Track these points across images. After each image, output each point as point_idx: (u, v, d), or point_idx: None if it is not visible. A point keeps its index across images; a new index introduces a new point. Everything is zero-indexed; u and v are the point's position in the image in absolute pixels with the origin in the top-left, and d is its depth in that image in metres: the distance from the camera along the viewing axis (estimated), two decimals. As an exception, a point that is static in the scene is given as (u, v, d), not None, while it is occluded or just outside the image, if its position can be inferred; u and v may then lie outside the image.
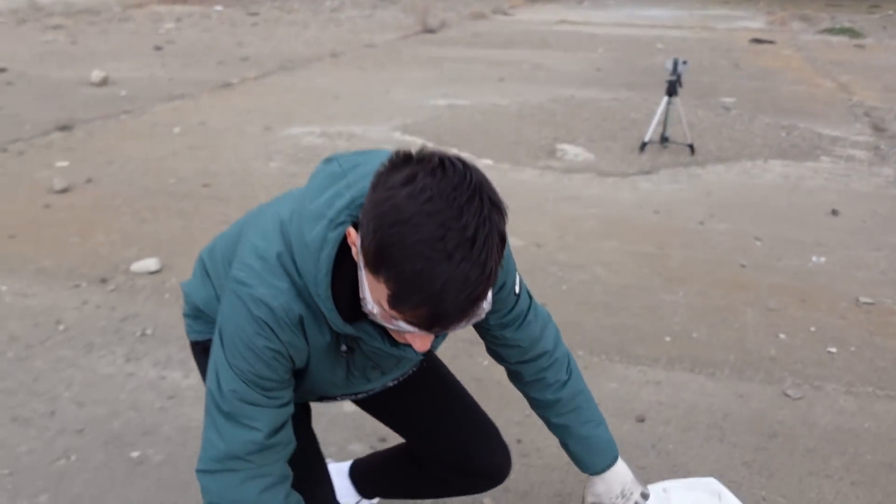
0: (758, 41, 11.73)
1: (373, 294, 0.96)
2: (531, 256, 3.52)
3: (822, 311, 3.00)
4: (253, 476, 1.16)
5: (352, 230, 1.00)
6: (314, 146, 5.33)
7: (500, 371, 1.49)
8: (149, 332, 2.77)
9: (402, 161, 0.93)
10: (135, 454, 2.11)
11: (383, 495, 1.80)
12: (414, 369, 1.47)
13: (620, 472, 1.45)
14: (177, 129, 5.69)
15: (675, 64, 5.24)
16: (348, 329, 1.10)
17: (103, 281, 3.17)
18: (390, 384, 1.43)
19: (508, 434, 1.75)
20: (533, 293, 1.42)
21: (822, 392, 2.45)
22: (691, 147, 5.29)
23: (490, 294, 1.00)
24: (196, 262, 1.43)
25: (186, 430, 2.21)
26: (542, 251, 3.59)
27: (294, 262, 1.08)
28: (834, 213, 4.13)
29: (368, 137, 5.61)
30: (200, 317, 1.41)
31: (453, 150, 5.14)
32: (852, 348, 2.71)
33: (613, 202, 4.30)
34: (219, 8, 15.70)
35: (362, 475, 1.78)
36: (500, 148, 5.40)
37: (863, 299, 3.09)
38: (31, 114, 6.10)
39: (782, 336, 2.80)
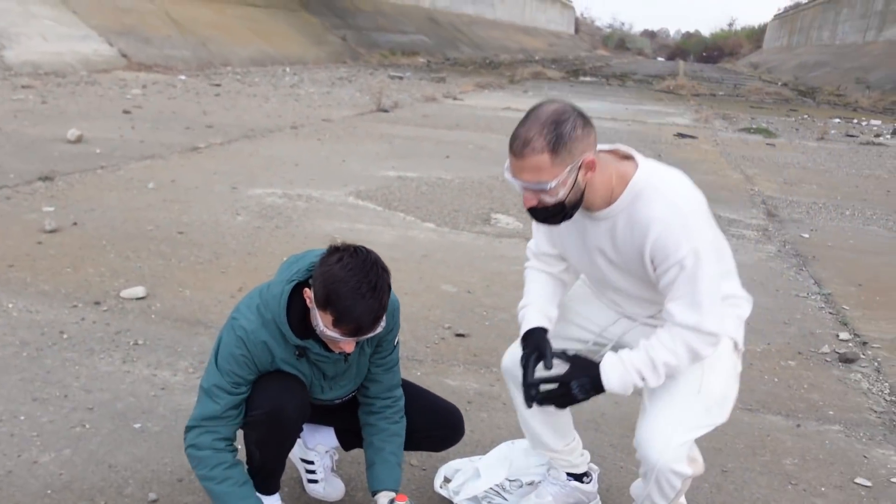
0: (681, 135, 12.92)
1: (322, 321, 1.80)
2: (462, 300, 4.19)
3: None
4: (208, 431, 1.91)
5: (307, 290, 1.84)
6: (276, 205, 5.98)
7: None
8: (140, 342, 3.33)
9: (334, 250, 1.81)
10: (137, 426, 2.66)
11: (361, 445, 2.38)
12: (352, 394, 2.16)
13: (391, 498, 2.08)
14: (151, 185, 6.28)
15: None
16: (297, 341, 1.90)
17: (97, 303, 3.73)
18: (338, 402, 2.13)
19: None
20: (462, 327, 2.10)
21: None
22: (607, 221, 6.09)
23: (383, 320, 1.83)
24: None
25: (177, 410, 2.77)
26: (471, 296, 4.26)
27: (265, 308, 1.90)
28: (717, 278, 4.92)
29: (325, 200, 6.29)
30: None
31: (400, 215, 5.87)
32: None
33: (536, 262, 5.02)
34: (182, 77, 16.42)
35: (345, 432, 2.36)
36: (442, 214, 6.12)
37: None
38: (13, 165, 6.62)
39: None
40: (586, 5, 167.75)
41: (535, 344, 1.96)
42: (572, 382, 1.85)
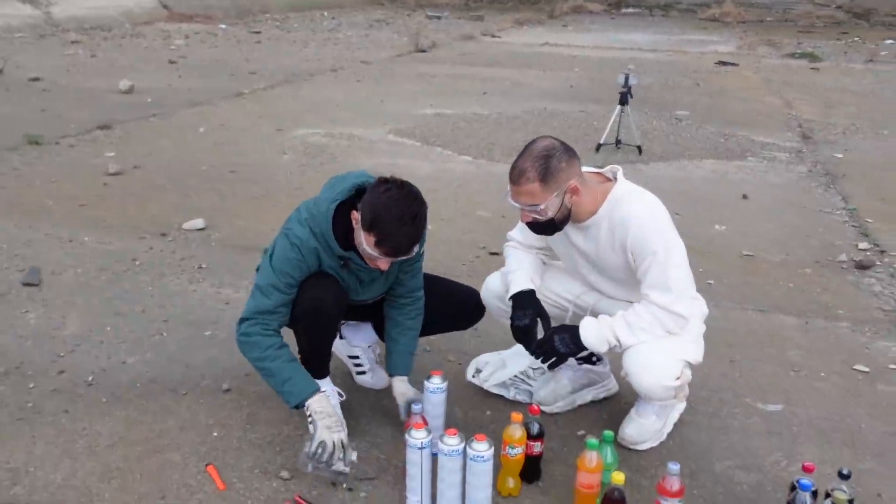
0: (722, 63, 12.78)
1: (366, 240, 2.08)
2: (496, 223, 4.44)
3: (711, 260, 3.94)
4: (259, 323, 2.24)
5: (354, 212, 2.12)
6: (320, 144, 6.28)
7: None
8: (203, 266, 3.70)
9: (381, 181, 2.10)
10: (207, 333, 3.03)
11: None
12: (382, 295, 2.48)
13: (405, 382, 2.43)
14: (202, 129, 6.64)
15: (626, 77, 6.22)
16: (341, 252, 2.20)
17: (163, 234, 4.10)
18: (371, 301, 2.45)
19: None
20: (495, 247, 2.42)
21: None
22: (639, 148, 6.27)
23: (419, 245, 2.14)
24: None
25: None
26: (505, 220, 4.50)
27: (313, 222, 2.19)
28: (744, 197, 5.09)
29: (366, 138, 6.56)
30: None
31: (438, 149, 6.13)
32: (725, 281, 3.66)
33: (568, 188, 5.25)
34: (223, 26, 16.68)
35: (382, 326, 2.70)
36: (478, 148, 6.36)
37: (745, 252, 4.04)
38: (73, 115, 7.02)
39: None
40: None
41: (537, 309, 2.36)
42: (555, 336, 2.27)
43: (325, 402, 2.19)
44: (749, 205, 4.96)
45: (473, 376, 2.69)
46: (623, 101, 6.25)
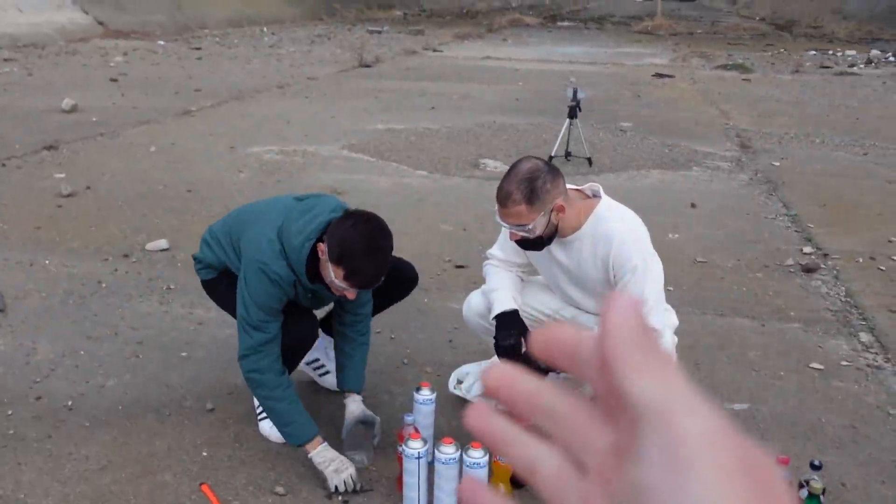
0: (659, 75, 13.20)
1: (334, 272, 2.15)
2: (459, 236, 4.54)
3: (667, 267, 4.09)
4: (267, 354, 2.26)
5: (321, 245, 2.17)
6: (275, 161, 6.29)
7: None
8: (172, 287, 3.69)
9: (348, 215, 2.19)
10: (183, 354, 3.03)
11: None
12: None
13: (358, 402, 2.49)
14: (153, 148, 6.56)
15: (574, 92, 6.41)
16: (310, 286, 2.27)
17: (126, 255, 4.07)
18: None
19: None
20: (460, 259, 2.48)
21: (660, 313, 3.53)
22: (589, 160, 6.45)
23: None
24: (201, 241, 2.60)
25: (216, 340, 3.14)
26: (466, 233, 4.62)
27: (287, 254, 2.24)
28: (693, 205, 5.31)
29: (320, 154, 6.59)
30: (208, 267, 2.56)
31: (393, 164, 6.20)
32: (683, 287, 3.83)
33: (524, 200, 5.38)
34: (162, 42, 16.45)
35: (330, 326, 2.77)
36: (432, 162, 6.45)
37: (699, 259, 4.23)
38: (16, 136, 6.86)
39: (639, 283, 3.89)
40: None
41: (521, 329, 2.44)
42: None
43: (324, 451, 2.26)
44: (697, 213, 5.17)
45: (455, 387, 2.76)
46: (572, 114, 6.42)
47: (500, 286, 2.53)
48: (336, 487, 2.19)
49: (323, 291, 2.31)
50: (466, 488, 0.33)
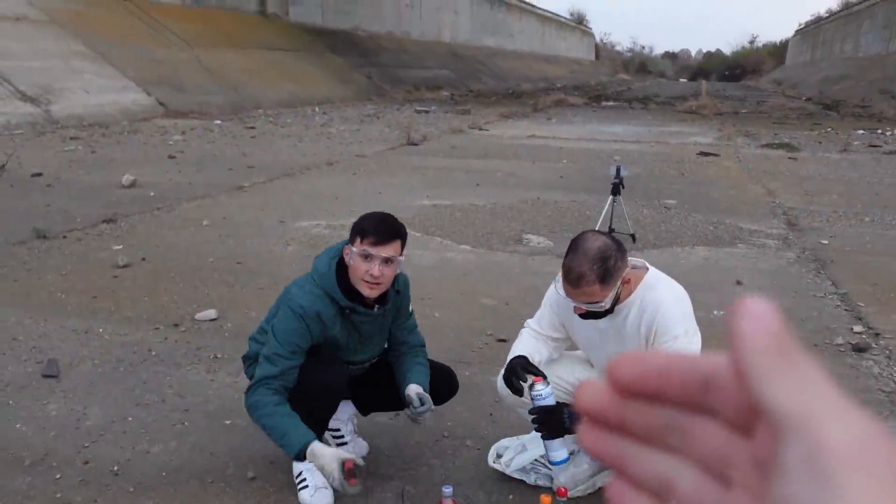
0: (704, 154, 13.24)
1: (356, 249, 2.37)
2: (501, 310, 4.57)
3: (713, 345, 4.04)
4: (266, 387, 2.38)
5: (346, 247, 2.44)
6: (322, 235, 6.44)
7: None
8: (219, 356, 3.77)
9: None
10: (227, 422, 3.08)
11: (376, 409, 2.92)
12: (377, 357, 2.69)
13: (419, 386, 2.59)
14: (205, 222, 6.79)
15: (618, 169, 6.48)
16: (345, 301, 2.40)
17: (176, 325, 4.18)
18: (367, 364, 2.66)
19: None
20: (503, 333, 2.54)
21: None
22: (633, 236, 6.47)
23: (400, 251, 2.38)
24: (249, 339, 2.74)
25: (260, 410, 3.18)
26: (509, 307, 4.64)
27: (317, 282, 2.41)
28: (738, 283, 5.26)
29: (367, 229, 6.72)
30: (250, 357, 2.67)
31: (437, 239, 6.30)
32: (729, 364, 3.76)
33: (567, 276, 5.41)
34: (218, 122, 17.14)
35: (363, 401, 2.86)
36: (476, 237, 6.54)
37: (745, 336, 4.16)
38: (78, 210, 7.17)
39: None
40: (605, 31, 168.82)
41: (512, 367, 2.46)
42: (565, 409, 2.38)
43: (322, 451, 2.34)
44: (743, 290, 5.12)
45: (494, 462, 2.75)
46: (615, 191, 6.48)
47: (521, 345, 2.59)
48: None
49: (361, 312, 2.44)
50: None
